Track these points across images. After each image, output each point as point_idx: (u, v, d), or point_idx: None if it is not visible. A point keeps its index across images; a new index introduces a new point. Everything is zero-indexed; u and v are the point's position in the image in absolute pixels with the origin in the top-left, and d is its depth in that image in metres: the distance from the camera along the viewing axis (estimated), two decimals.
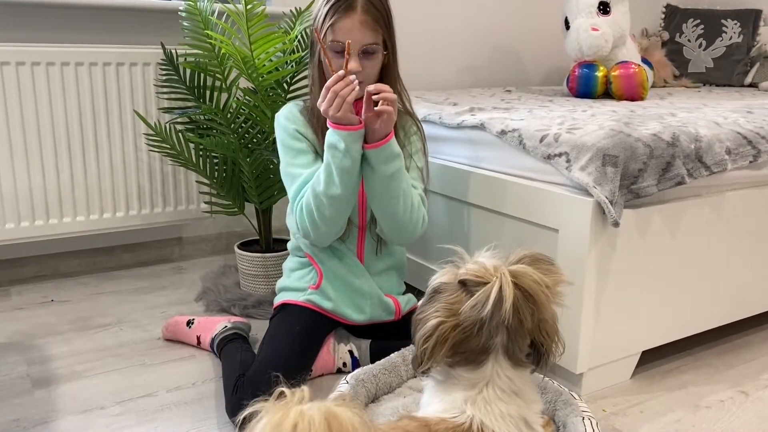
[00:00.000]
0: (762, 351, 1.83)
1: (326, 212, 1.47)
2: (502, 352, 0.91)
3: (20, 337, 1.87)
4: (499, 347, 0.91)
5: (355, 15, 1.44)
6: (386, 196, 1.48)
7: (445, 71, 2.98)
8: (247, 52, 1.89)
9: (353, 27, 1.44)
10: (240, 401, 1.41)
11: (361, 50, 1.47)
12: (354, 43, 1.44)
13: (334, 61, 1.46)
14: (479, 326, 0.88)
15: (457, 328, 0.91)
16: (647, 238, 1.56)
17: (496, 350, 0.91)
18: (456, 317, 0.91)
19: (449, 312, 0.91)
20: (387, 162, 1.45)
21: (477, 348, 0.91)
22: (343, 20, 1.44)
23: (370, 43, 1.47)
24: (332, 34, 1.45)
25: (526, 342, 0.92)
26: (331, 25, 1.44)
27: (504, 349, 0.91)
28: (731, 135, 1.66)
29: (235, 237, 2.62)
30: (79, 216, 2.24)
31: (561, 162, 1.54)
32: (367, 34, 1.46)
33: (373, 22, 1.46)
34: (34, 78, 2.09)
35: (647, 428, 1.45)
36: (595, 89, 2.50)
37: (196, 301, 2.13)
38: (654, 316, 1.64)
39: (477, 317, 0.88)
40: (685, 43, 3.28)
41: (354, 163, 1.43)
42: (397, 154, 1.47)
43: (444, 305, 0.92)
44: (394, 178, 1.47)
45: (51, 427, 1.43)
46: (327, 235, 1.52)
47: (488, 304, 0.86)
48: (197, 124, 2.18)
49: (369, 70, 1.50)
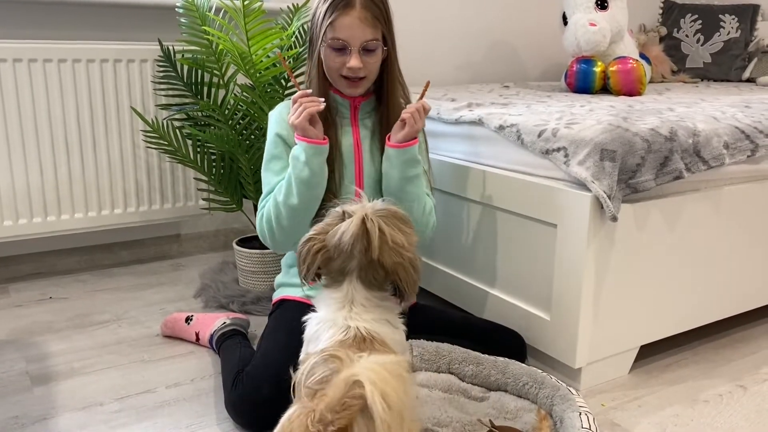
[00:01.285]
0: (760, 345, 1.83)
1: (284, 222, 1.48)
2: (356, 276, 1.14)
3: (19, 335, 1.87)
4: (355, 271, 1.14)
5: (354, 12, 1.44)
6: (402, 198, 1.51)
7: (444, 67, 2.98)
8: (244, 48, 1.88)
9: (353, 24, 1.44)
10: (239, 397, 1.41)
11: (362, 47, 1.47)
12: (354, 39, 1.45)
13: (336, 58, 1.47)
14: (336, 250, 1.13)
15: (323, 249, 1.14)
16: (645, 232, 1.56)
17: (351, 274, 1.14)
18: (324, 240, 1.15)
19: (322, 234, 1.15)
20: (407, 165, 1.51)
21: (337, 269, 1.15)
22: (342, 17, 1.44)
23: (370, 39, 1.47)
24: (332, 32, 1.45)
25: (380, 273, 1.14)
26: (330, 22, 1.44)
27: (357, 273, 1.14)
28: (729, 129, 1.66)
29: (234, 233, 2.62)
30: (77, 213, 2.24)
31: (559, 157, 1.54)
32: (367, 30, 1.46)
33: (372, 18, 1.46)
34: (31, 75, 2.08)
35: (646, 422, 1.45)
36: (593, 84, 2.50)
37: (195, 298, 2.13)
38: (652, 311, 1.64)
39: (331, 242, 1.13)
40: (683, 39, 3.28)
41: (313, 175, 1.45)
42: (418, 160, 1.52)
43: (321, 227, 1.16)
44: (412, 182, 1.52)
45: (50, 424, 1.43)
46: (284, 244, 1.53)
47: (338, 233, 1.11)
48: (195, 121, 2.18)
49: (370, 67, 1.50)
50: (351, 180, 1.57)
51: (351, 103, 1.58)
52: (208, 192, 2.28)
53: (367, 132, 1.60)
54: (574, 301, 1.51)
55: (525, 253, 1.67)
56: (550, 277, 1.59)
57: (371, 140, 1.59)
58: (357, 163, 1.58)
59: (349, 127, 1.59)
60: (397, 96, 1.59)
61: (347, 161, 1.57)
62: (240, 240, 2.22)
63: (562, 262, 1.54)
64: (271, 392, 1.39)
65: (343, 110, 1.59)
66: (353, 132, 1.58)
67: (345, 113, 1.59)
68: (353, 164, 1.57)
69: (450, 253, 1.93)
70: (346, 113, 1.59)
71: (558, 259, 1.55)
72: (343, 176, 1.56)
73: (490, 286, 1.80)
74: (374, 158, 1.59)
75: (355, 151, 1.58)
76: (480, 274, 1.83)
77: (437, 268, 1.98)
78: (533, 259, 1.64)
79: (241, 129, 2.06)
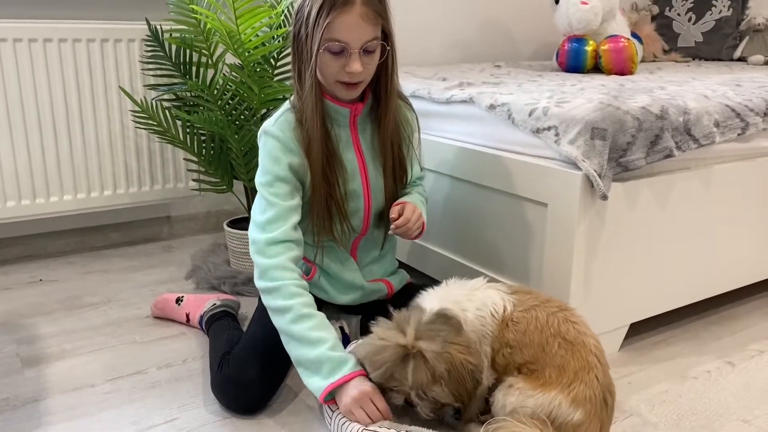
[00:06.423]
0: (748, 322, 1.85)
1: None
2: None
3: (9, 317, 1.86)
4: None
5: (355, 8, 1.29)
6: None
7: (435, 47, 2.96)
8: (233, 26, 1.86)
9: (354, 22, 1.29)
10: (225, 379, 1.41)
11: (362, 48, 1.32)
12: (354, 41, 1.31)
13: (333, 62, 1.33)
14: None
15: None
16: (636, 211, 1.56)
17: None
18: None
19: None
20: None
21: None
22: (341, 16, 1.28)
23: (371, 39, 1.32)
24: (329, 33, 1.29)
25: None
26: (328, 23, 1.28)
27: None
28: (720, 108, 1.66)
29: (225, 215, 2.61)
30: (66, 195, 2.22)
31: (550, 136, 1.54)
32: (369, 29, 1.31)
33: (374, 14, 1.31)
34: (16, 55, 2.05)
35: (635, 399, 1.47)
36: (584, 64, 2.49)
37: (186, 280, 2.13)
38: (642, 289, 1.65)
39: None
40: (674, 17, 3.27)
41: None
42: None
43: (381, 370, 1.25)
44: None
45: (41, 406, 1.43)
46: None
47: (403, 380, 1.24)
48: (184, 101, 2.16)
49: (369, 68, 1.37)
50: (359, 194, 1.49)
51: (351, 111, 1.45)
52: (198, 173, 2.27)
53: (366, 138, 1.50)
54: (564, 280, 1.52)
55: (516, 233, 1.67)
56: (541, 256, 1.59)
57: (371, 146, 1.51)
58: (363, 176, 1.49)
59: (350, 140, 1.48)
60: (395, 97, 1.47)
61: (352, 174, 1.47)
62: (231, 221, 2.21)
63: (552, 241, 1.54)
64: (257, 375, 1.38)
65: (341, 119, 1.46)
66: (354, 144, 1.49)
67: (343, 122, 1.46)
68: (359, 176, 1.49)
69: (441, 233, 1.93)
70: (344, 122, 1.46)
71: (548, 238, 1.55)
72: (348, 190, 1.47)
73: (481, 265, 1.80)
74: (376, 165, 1.51)
75: (359, 164, 1.49)
76: (471, 254, 1.83)
77: (429, 248, 1.98)
78: (524, 239, 1.64)
79: (230, 109, 2.04)
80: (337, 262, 1.56)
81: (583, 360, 1.19)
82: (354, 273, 1.57)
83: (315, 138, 1.39)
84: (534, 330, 1.23)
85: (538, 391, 1.19)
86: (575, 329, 1.23)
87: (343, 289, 1.57)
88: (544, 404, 1.17)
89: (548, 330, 1.22)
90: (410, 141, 1.57)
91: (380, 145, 1.50)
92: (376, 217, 1.55)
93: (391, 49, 1.41)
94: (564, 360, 1.19)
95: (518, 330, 1.24)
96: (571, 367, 1.19)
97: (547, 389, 1.18)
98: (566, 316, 1.25)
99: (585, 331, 1.24)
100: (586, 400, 1.17)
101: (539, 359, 1.21)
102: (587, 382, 1.18)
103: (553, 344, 1.21)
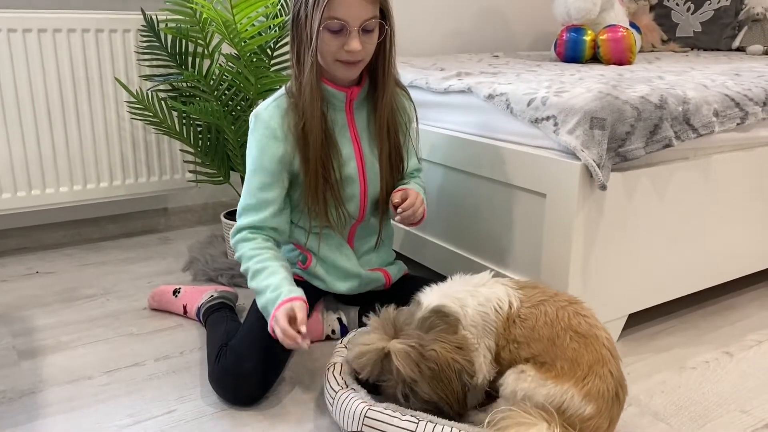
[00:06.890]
0: (746, 313, 1.84)
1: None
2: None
3: (5, 309, 1.85)
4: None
5: None
6: None
7: (433, 37, 2.94)
8: (228, 16, 1.85)
9: (353, 1, 1.31)
10: (222, 371, 1.40)
11: (361, 27, 1.34)
12: (353, 19, 1.32)
13: (332, 40, 1.35)
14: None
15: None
16: (635, 201, 1.56)
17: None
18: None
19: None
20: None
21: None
22: None
23: (370, 17, 1.34)
24: (328, 11, 1.31)
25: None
26: (327, 2, 1.30)
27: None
28: (719, 97, 1.65)
29: (221, 206, 2.60)
30: (62, 187, 2.21)
31: (548, 125, 1.53)
32: (368, 7, 1.33)
33: None
34: (11, 46, 2.04)
35: (634, 389, 1.47)
36: (582, 53, 2.47)
37: (184, 271, 2.12)
38: (641, 279, 1.65)
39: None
40: (673, 7, 3.25)
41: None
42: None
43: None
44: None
45: (38, 398, 1.42)
46: None
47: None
48: (180, 92, 2.14)
49: (368, 48, 1.38)
50: (354, 179, 1.49)
51: (347, 95, 1.46)
52: (195, 164, 2.26)
53: (362, 123, 1.51)
54: (563, 270, 1.51)
55: (514, 223, 1.66)
56: (539, 247, 1.59)
57: (367, 131, 1.51)
58: (359, 160, 1.50)
59: (346, 124, 1.49)
60: (392, 81, 1.48)
61: (347, 158, 1.48)
62: (228, 213, 2.20)
63: (551, 232, 1.54)
64: (254, 366, 1.38)
65: (337, 103, 1.47)
66: (350, 128, 1.49)
67: (339, 106, 1.47)
68: (354, 161, 1.49)
69: (439, 224, 1.93)
70: (340, 106, 1.47)
71: (547, 229, 1.55)
72: (343, 175, 1.47)
73: (479, 256, 1.79)
74: (372, 150, 1.51)
75: (355, 149, 1.49)
76: (469, 245, 1.83)
77: (427, 239, 1.97)
78: (522, 229, 1.64)
79: (226, 100, 2.02)
80: (334, 249, 1.56)
81: (597, 353, 1.18)
82: (351, 261, 1.57)
83: (312, 120, 1.39)
84: (543, 325, 1.22)
85: (550, 381, 1.18)
86: (586, 322, 1.22)
87: (340, 277, 1.57)
88: (556, 395, 1.16)
89: (559, 324, 1.21)
90: (407, 129, 1.56)
91: (377, 130, 1.50)
92: (373, 204, 1.55)
93: (390, 29, 1.41)
94: (577, 353, 1.18)
95: (526, 326, 1.23)
96: (585, 360, 1.17)
97: (560, 381, 1.17)
98: (576, 310, 1.24)
99: (596, 324, 1.23)
100: (599, 395, 1.16)
101: (549, 352, 1.20)
102: (602, 376, 1.16)
103: (564, 337, 1.20)
